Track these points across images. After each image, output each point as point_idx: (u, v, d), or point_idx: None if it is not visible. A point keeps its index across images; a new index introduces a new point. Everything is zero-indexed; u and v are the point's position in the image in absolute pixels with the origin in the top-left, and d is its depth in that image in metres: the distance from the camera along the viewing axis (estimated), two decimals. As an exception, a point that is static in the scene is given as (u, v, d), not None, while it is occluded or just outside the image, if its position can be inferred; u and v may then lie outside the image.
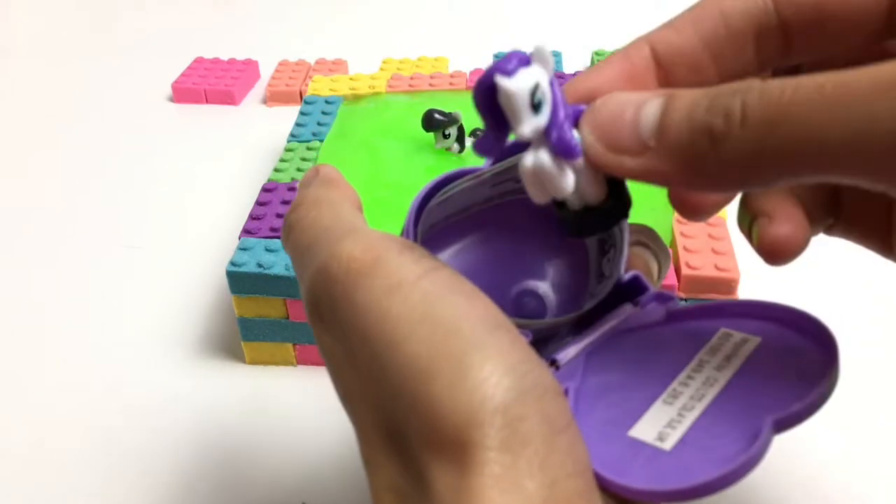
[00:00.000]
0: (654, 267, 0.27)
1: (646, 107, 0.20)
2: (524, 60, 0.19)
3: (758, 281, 0.42)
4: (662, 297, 0.24)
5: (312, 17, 0.79)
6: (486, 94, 0.20)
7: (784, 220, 0.23)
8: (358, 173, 0.44)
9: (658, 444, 0.19)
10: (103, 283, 0.45)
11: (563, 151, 0.20)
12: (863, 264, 0.44)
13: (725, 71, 0.24)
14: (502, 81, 0.19)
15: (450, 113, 0.44)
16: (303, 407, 0.37)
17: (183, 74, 0.65)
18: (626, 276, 0.24)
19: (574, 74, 0.53)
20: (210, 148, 0.58)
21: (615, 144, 0.20)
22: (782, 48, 0.23)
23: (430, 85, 0.52)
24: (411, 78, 0.53)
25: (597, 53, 0.62)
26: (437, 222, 0.26)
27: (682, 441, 0.19)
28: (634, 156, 0.20)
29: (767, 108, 0.18)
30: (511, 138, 0.20)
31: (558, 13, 0.77)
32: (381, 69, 0.64)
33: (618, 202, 0.22)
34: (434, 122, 0.44)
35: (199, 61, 0.67)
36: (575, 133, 0.20)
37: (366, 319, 0.19)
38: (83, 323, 0.43)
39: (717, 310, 0.23)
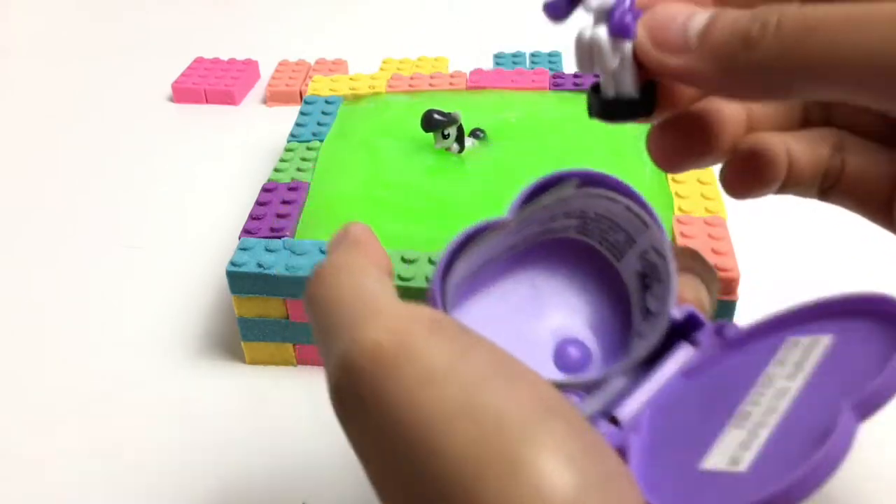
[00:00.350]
0: (703, 293, 0.25)
1: (697, 15, 0.22)
2: None
3: (758, 281, 0.42)
4: (720, 330, 0.23)
5: (312, 17, 0.79)
6: None
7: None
8: (358, 173, 0.44)
9: (732, 468, 0.18)
10: (103, 283, 0.45)
11: (619, 30, 0.23)
12: (866, 261, 0.44)
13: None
14: None
15: (449, 113, 0.44)
16: (303, 407, 0.37)
17: (183, 74, 0.65)
18: (680, 314, 0.23)
19: (574, 74, 0.53)
20: (210, 148, 0.58)
21: (662, 42, 0.23)
22: None
23: (430, 85, 0.52)
24: (411, 78, 0.53)
25: (597, 53, 0.62)
26: (462, 279, 0.24)
27: (759, 457, 0.18)
28: (676, 54, 0.22)
29: (799, 21, 0.20)
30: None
31: (558, 13, 0.77)
32: (381, 69, 0.64)
33: (645, 99, 0.24)
34: (433, 123, 0.44)
35: (199, 61, 0.67)
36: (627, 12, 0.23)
37: (398, 417, 0.17)
38: (83, 323, 0.43)
39: (779, 322, 0.22)
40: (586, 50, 0.24)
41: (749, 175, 0.26)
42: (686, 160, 0.27)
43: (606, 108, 0.25)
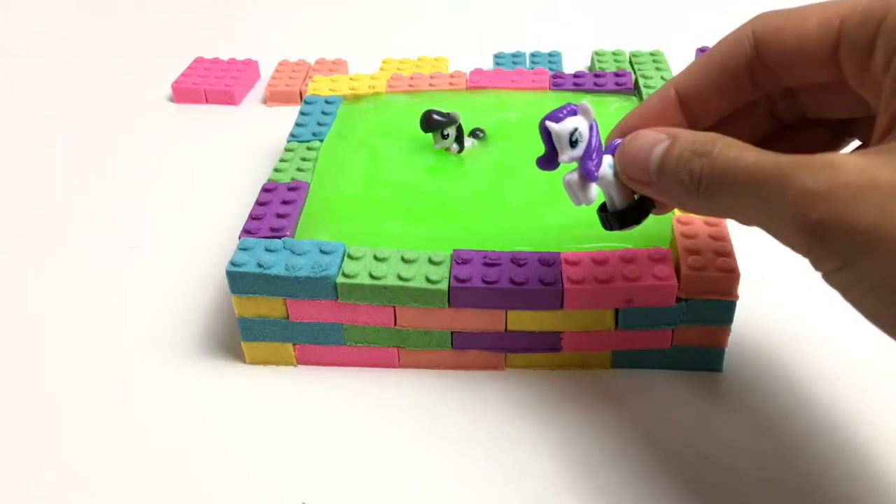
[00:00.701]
0: None
1: (655, 149, 0.28)
2: (572, 111, 0.29)
3: (758, 281, 0.42)
4: None
5: (312, 17, 0.79)
6: (545, 131, 0.30)
7: None
8: (358, 173, 0.44)
9: None
10: (103, 282, 0.45)
11: (585, 176, 0.30)
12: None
13: (733, 101, 0.31)
14: (550, 125, 0.30)
15: (448, 113, 0.44)
16: (303, 407, 0.37)
17: (183, 74, 0.65)
18: None
19: (574, 74, 0.53)
20: (210, 148, 0.58)
21: (633, 176, 0.30)
22: (770, 79, 0.30)
23: (430, 85, 0.52)
24: (411, 78, 0.53)
25: (597, 53, 0.62)
26: None
27: None
28: (645, 186, 0.29)
29: (711, 172, 0.26)
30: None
31: (558, 13, 0.77)
32: (381, 69, 0.64)
33: (641, 207, 0.31)
34: (432, 123, 0.44)
35: (199, 61, 0.67)
36: (607, 160, 0.30)
37: None
38: (83, 323, 0.43)
39: None
40: (570, 191, 0.31)
41: None
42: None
43: (611, 222, 0.32)
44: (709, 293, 0.36)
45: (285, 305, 0.37)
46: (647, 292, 0.35)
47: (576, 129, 0.29)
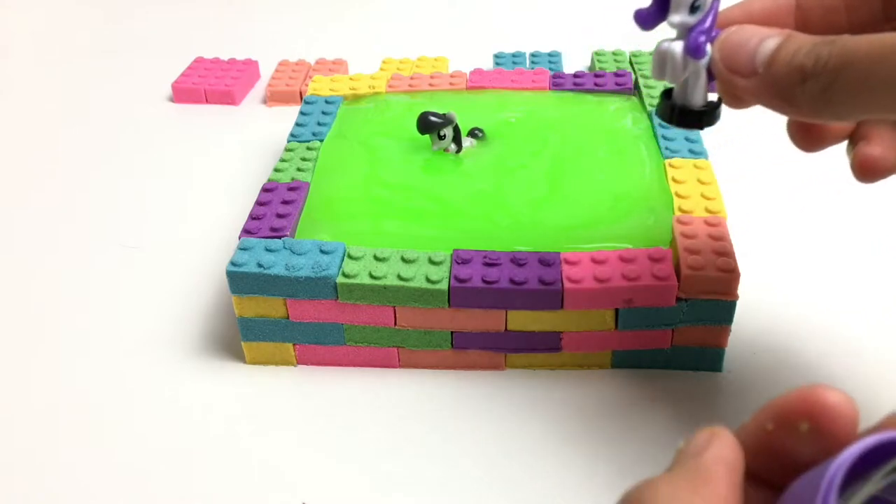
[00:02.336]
0: None
1: (766, 42, 0.26)
2: None
3: (758, 281, 0.42)
4: None
5: (312, 17, 0.79)
6: None
7: (877, 142, 0.29)
8: (358, 173, 0.44)
9: None
10: (103, 283, 0.45)
11: (690, 50, 0.26)
12: (867, 260, 0.44)
13: (856, 19, 0.29)
14: None
15: (444, 114, 0.44)
16: (303, 407, 0.37)
17: (183, 74, 0.65)
18: None
19: (574, 74, 0.53)
20: (210, 148, 0.58)
21: (733, 65, 0.26)
22: None
23: (430, 85, 0.52)
24: (411, 78, 0.53)
25: (597, 53, 0.62)
26: None
27: None
28: (745, 77, 0.26)
29: (840, 56, 0.23)
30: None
31: (558, 13, 0.77)
32: (381, 69, 0.64)
33: (709, 113, 0.28)
34: (429, 124, 0.44)
35: (199, 61, 0.67)
36: (708, 47, 0.27)
37: None
38: (83, 323, 0.43)
39: None
40: (661, 60, 0.27)
41: (865, 174, 0.30)
42: (826, 143, 0.31)
43: (673, 113, 0.29)
44: (709, 293, 0.36)
45: (285, 305, 0.37)
46: (647, 292, 0.35)
47: None
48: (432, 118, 0.44)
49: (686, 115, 0.29)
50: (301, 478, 0.34)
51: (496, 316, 0.37)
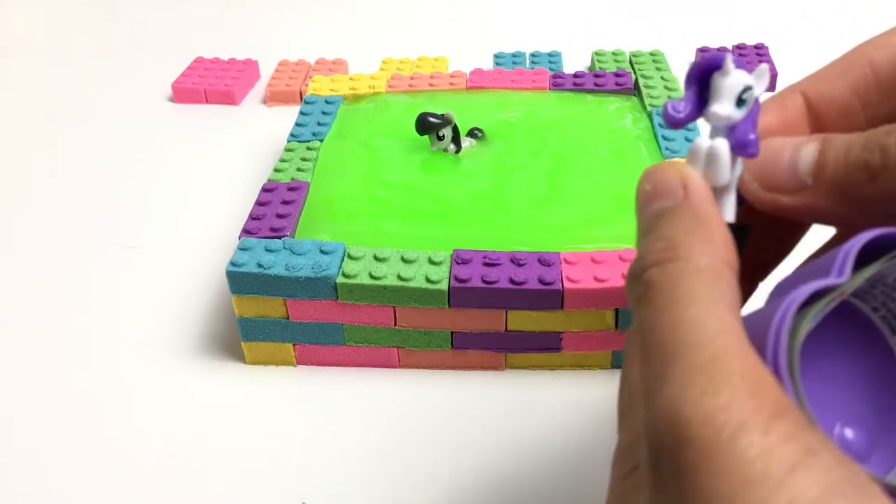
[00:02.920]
0: None
1: (804, 149, 0.22)
2: (741, 64, 0.22)
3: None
4: None
5: (312, 17, 0.79)
6: (706, 69, 0.22)
7: None
8: (358, 173, 0.44)
9: None
10: (103, 283, 0.45)
11: (741, 145, 0.22)
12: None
13: (874, 117, 0.25)
14: (731, 64, 0.21)
15: (443, 114, 0.44)
16: (303, 407, 0.37)
17: (183, 74, 0.65)
18: None
19: (574, 74, 0.52)
20: (210, 148, 0.58)
21: (772, 184, 0.23)
22: None
23: (430, 85, 0.52)
24: (411, 78, 0.53)
25: (597, 53, 0.62)
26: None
27: None
28: (790, 194, 0.23)
29: None
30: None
31: (558, 13, 0.77)
32: (381, 69, 0.64)
33: (740, 235, 0.22)
34: (427, 125, 0.44)
35: (199, 61, 0.67)
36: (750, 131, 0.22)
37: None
38: (82, 323, 0.43)
39: None
40: (701, 159, 0.23)
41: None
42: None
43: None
44: (709, 293, 0.35)
45: (285, 305, 0.37)
46: (647, 292, 0.35)
47: (750, 87, 0.22)
48: (431, 119, 0.44)
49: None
50: (301, 478, 0.34)
51: (496, 316, 0.37)
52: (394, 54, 0.67)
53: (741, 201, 0.23)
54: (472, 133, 0.46)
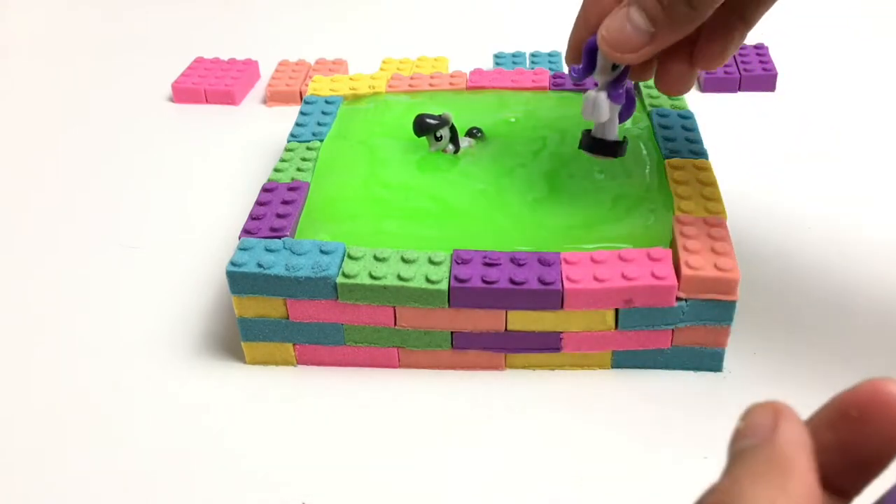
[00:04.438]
0: None
1: (632, 16, 0.33)
2: None
3: (758, 281, 0.42)
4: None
5: (312, 17, 0.79)
6: (593, 47, 0.35)
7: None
8: (357, 173, 0.44)
9: None
10: (103, 283, 0.45)
11: (613, 98, 0.37)
12: (867, 261, 0.44)
13: None
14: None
15: (440, 115, 0.44)
16: (303, 407, 0.37)
17: (183, 74, 0.65)
18: None
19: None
20: (210, 148, 0.58)
21: (628, 48, 0.34)
22: None
23: (430, 85, 0.52)
24: (411, 78, 0.53)
25: (597, 53, 0.62)
26: None
27: None
28: (645, 47, 0.34)
29: None
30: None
31: (558, 13, 0.77)
32: (381, 69, 0.64)
33: (621, 145, 0.39)
34: (425, 126, 0.44)
35: (199, 61, 0.67)
36: (623, 86, 0.37)
37: None
38: (82, 323, 0.43)
39: None
40: (590, 106, 0.37)
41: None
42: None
43: (594, 145, 0.39)
44: (709, 293, 0.35)
45: (285, 305, 0.37)
46: (647, 292, 0.35)
47: None
48: (428, 120, 0.44)
49: (604, 146, 0.38)
50: (301, 478, 0.34)
51: (496, 316, 0.37)
52: (394, 54, 0.67)
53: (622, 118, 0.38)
54: (470, 133, 0.46)
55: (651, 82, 0.51)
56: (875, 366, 0.38)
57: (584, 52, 0.35)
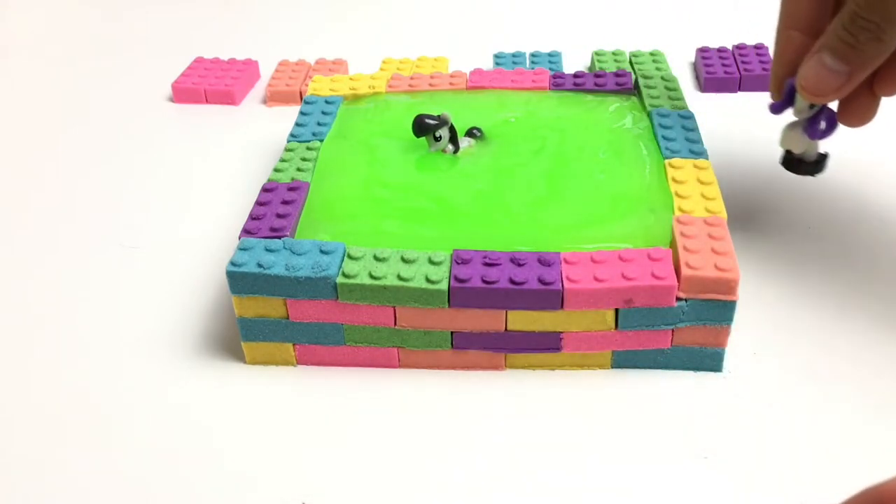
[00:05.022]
0: None
1: (825, 61, 0.36)
2: None
3: (758, 281, 0.42)
4: None
5: (312, 17, 0.79)
6: (793, 90, 0.39)
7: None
8: (358, 173, 0.44)
9: None
10: (103, 283, 0.45)
11: (809, 134, 0.40)
12: (866, 261, 0.44)
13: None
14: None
15: (438, 115, 0.44)
16: (303, 407, 0.37)
17: (183, 74, 0.65)
18: None
19: (574, 74, 0.52)
20: (210, 148, 0.58)
21: (827, 90, 0.37)
22: None
23: (430, 85, 0.52)
24: (411, 78, 0.53)
25: (597, 53, 0.62)
26: None
27: None
28: (842, 86, 0.37)
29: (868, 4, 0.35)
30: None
31: (558, 13, 0.77)
32: (381, 69, 0.64)
33: (821, 163, 0.42)
34: (423, 127, 0.44)
35: (199, 61, 0.67)
36: (822, 124, 0.40)
37: None
38: (82, 323, 0.43)
39: None
40: (790, 137, 0.41)
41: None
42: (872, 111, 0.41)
43: (797, 166, 0.42)
44: (709, 293, 0.36)
45: (285, 305, 0.37)
46: (647, 292, 0.35)
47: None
48: (427, 120, 0.44)
49: (806, 166, 0.42)
50: (301, 478, 0.34)
51: (496, 316, 0.37)
52: (394, 54, 0.67)
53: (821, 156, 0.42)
54: (470, 133, 0.46)
55: (651, 82, 0.51)
56: (875, 366, 0.38)
57: (785, 91, 0.39)
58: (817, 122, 0.39)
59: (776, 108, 0.40)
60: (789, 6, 0.40)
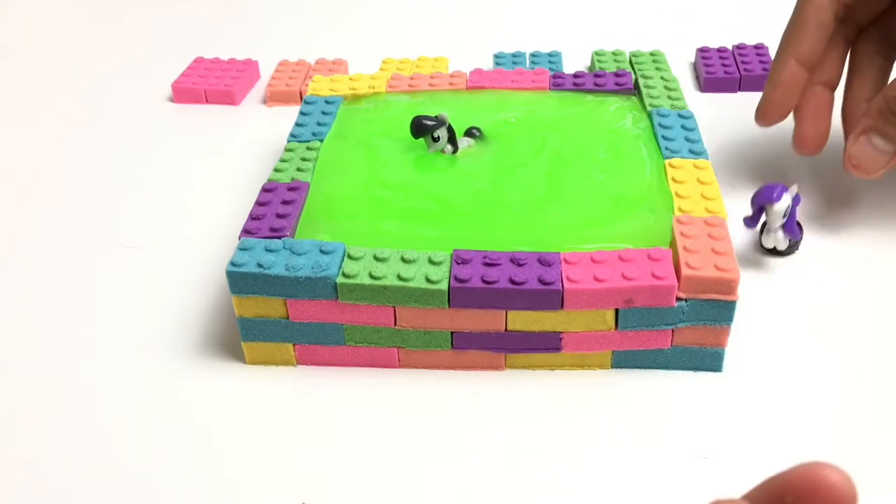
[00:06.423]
0: None
1: (874, 142, 0.41)
2: (784, 189, 0.41)
3: (758, 281, 0.42)
4: None
5: (312, 17, 0.79)
6: (761, 206, 0.42)
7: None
8: (357, 173, 0.44)
9: None
10: (103, 283, 0.45)
11: (792, 234, 0.43)
12: (866, 262, 0.44)
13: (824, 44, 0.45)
14: (773, 206, 0.41)
15: (436, 116, 0.44)
16: (303, 407, 0.37)
17: (183, 74, 0.65)
18: None
19: (574, 74, 0.52)
20: (210, 148, 0.58)
21: (876, 168, 0.42)
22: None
23: (430, 85, 0.52)
24: (411, 78, 0.53)
25: (597, 53, 0.62)
26: None
27: None
28: (888, 163, 0.41)
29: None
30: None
31: (558, 13, 0.77)
32: (381, 69, 0.64)
33: (793, 248, 0.44)
34: (422, 128, 0.44)
35: (199, 61, 0.67)
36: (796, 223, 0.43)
37: None
38: (82, 323, 0.43)
39: None
40: (769, 239, 0.43)
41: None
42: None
43: (779, 254, 0.44)
44: (709, 293, 0.36)
45: (285, 305, 0.37)
46: (647, 292, 0.35)
47: (788, 207, 0.41)
48: (424, 121, 0.44)
49: (788, 250, 0.44)
50: (301, 478, 0.34)
51: (496, 316, 0.37)
52: (394, 54, 0.67)
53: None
54: (469, 133, 0.46)
55: (651, 82, 0.51)
56: (875, 366, 0.38)
57: (755, 209, 0.42)
58: (793, 223, 0.42)
59: (749, 223, 0.42)
60: (794, 36, 0.43)
